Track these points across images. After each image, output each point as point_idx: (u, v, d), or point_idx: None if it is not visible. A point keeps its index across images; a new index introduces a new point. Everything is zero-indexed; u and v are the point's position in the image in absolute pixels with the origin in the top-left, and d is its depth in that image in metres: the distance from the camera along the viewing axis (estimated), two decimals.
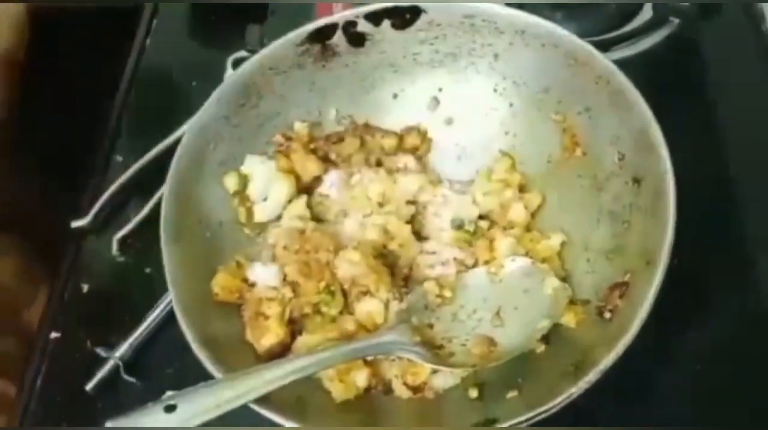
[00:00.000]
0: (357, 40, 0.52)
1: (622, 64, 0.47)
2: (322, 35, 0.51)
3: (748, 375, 0.47)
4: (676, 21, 0.61)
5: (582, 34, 0.49)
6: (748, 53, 0.61)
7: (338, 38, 0.52)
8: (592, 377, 0.38)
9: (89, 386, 0.50)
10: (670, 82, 0.59)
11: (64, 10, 0.73)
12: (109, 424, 0.36)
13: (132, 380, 0.50)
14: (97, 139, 0.63)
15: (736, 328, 0.49)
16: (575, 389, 0.38)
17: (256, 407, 0.38)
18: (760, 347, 0.48)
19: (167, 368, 0.50)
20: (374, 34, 0.52)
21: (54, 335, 0.53)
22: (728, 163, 0.56)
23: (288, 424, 0.39)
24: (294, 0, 0.67)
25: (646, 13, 0.62)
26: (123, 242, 0.56)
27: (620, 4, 0.63)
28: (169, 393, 0.47)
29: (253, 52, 0.56)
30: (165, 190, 0.47)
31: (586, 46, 0.48)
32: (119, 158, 0.61)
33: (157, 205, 0.50)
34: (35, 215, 0.67)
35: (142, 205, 0.57)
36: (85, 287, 0.55)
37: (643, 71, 0.56)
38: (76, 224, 0.57)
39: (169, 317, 0.50)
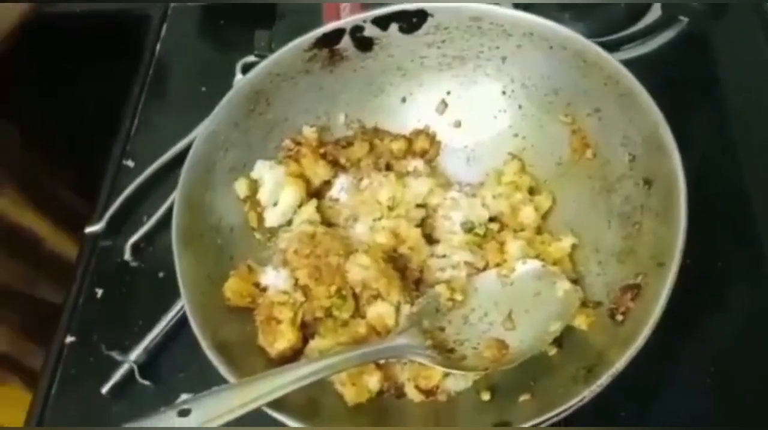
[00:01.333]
0: (364, 44, 0.52)
1: (631, 63, 0.47)
2: (329, 40, 0.52)
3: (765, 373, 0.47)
4: (685, 20, 0.61)
5: (591, 35, 0.49)
6: (758, 50, 0.61)
7: (346, 43, 0.52)
8: (604, 380, 0.38)
9: (105, 390, 0.50)
10: (680, 81, 0.59)
11: (73, 16, 0.73)
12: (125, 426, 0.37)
13: (147, 383, 0.50)
14: (109, 144, 0.64)
15: (751, 326, 0.49)
16: (587, 393, 0.38)
17: (269, 411, 0.39)
18: None
19: (181, 371, 0.50)
20: (381, 38, 0.52)
21: (69, 339, 0.54)
22: (740, 161, 0.56)
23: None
24: (302, 0, 0.67)
25: (655, 13, 0.62)
26: (136, 247, 0.57)
27: (629, 4, 0.62)
28: (183, 397, 0.47)
29: (262, 56, 0.56)
30: (176, 197, 0.47)
31: (594, 47, 0.47)
32: (131, 164, 0.62)
33: (169, 210, 0.50)
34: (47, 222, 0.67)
35: (154, 210, 0.57)
36: (99, 292, 0.56)
37: (652, 71, 0.56)
38: (89, 229, 0.58)
39: (183, 321, 0.50)
